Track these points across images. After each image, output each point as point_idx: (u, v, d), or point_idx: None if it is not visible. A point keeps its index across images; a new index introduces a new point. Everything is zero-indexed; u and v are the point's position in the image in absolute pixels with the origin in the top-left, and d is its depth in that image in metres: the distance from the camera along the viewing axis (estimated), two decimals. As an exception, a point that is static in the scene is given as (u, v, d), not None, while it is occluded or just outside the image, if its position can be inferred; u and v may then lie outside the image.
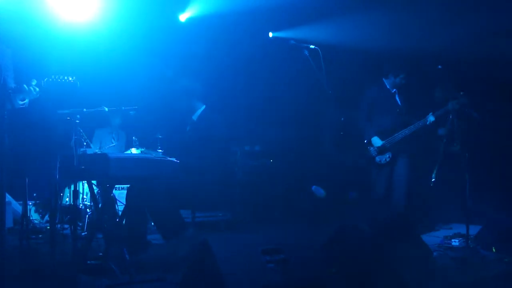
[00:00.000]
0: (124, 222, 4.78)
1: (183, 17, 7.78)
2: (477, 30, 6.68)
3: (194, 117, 5.14)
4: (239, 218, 6.82)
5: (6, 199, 4.47)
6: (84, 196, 6.56)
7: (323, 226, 5.82)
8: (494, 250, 4.91)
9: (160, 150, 6.61)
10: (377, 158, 5.95)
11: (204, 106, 5.17)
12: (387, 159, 5.92)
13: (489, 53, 6.68)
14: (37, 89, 3.60)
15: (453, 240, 5.37)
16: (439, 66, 5.41)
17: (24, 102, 3.55)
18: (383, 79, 6.14)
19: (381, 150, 5.92)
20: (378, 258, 3.39)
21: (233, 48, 7.83)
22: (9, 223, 5.95)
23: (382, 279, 3.31)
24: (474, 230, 5.20)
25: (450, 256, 4.75)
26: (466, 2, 6.51)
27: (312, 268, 3.35)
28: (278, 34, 7.84)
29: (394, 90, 6.11)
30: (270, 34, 8.04)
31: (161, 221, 4.78)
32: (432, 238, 5.70)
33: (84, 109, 4.97)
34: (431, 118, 5.81)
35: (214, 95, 6.24)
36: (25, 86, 3.53)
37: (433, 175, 6.20)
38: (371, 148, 5.98)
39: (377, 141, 5.96)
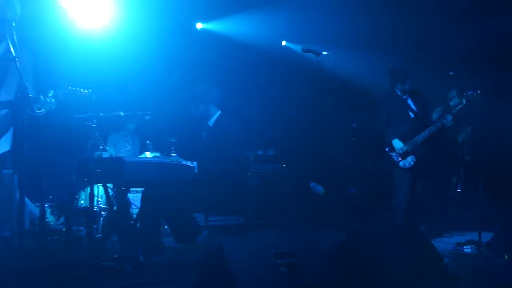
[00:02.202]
0: (138, 225, 4.85)
1: (199, 25, 7.88)
2: (490, 33, 6.71)
3: (210, 123, 5.20)
4: (252, 222, 6.86)
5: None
6: (99, 199, 6.65)
7: (334, 230, 5.84)
8: (506, 257, 4.89)
9: (174, 154, 6.67)
10: (401, 163, 5.94)
11: (219, 112, 5.24)
12: (411, 163, 5.92)
13: (501, 56, 6.70)
14: (53, 100, 3.68)
15: (465, 246, 5.33)
16: (451, 73, 5.43)
17: (40, 111, 3.64)
18: (394, 88, 6.19)
19: (403, 155, 5.93)
20: (388, 264, 3.41)
21: (247, 55, 7.91)
22: (25, 224, 6.04)
23: (391, 285, 3.34)
24: (486, 237, 5.19)
25: (461, 263, 4.74)
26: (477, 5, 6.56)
27: (323, 272, 3.39)
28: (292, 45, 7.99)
29: (406, 96, 6.16)
30: (284, 43, 8.12)
31: (175, 225, 4.84)
32: (444, 245, 5.68)
33: (101, 114, 5.06)
34: (449, 118, 5.85)
35: (229, 101, 6.31)
36: (41, 97, 3.62)
37: (457, 184, 6.21)
38: (393, 154, 5.98)
39: (397, 143, 5.95)
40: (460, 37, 6.91)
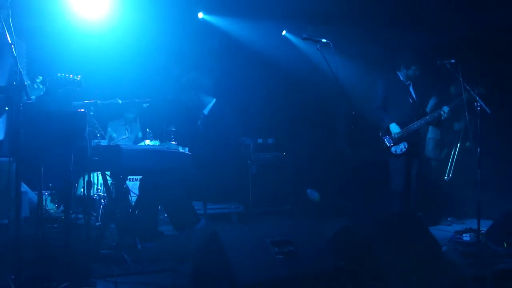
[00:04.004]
0: (136, 212, 4.86)
1: (201, 14, 7.82)
2: (492, 23, 6.65)
3: (205, 111, 5.18)
4: (251, 210, 6.87)
5: (23, 189, 4.56)
6: (98, 187, 6.65)
7: (333, 219, 5.84)
8: (505, 245, 4.89)
9: (174, 142, 6.67)
10: (393, 149, 5.93)
11: (214, 100, 5.21)
12: (403, 149, 5.90)
13: (503, 46, 6.65)
14: (41, 86, 3.64)
15: (464, 235, 5.34)
16: (453, 60, 5.39)
17: (31, 98, 3.61)
18: (397, 72, 6.13)
19: (397, 140, 5.91)
20: (385, 252, 3.41)
21: (246, 43, 7.86)
22: (25, 212, 6.05)
23: (389, 273, 3.34)
24: (485, 225, 5.19)
25: (460, 251, 4.73)
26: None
27: (320, 261, 3.38)
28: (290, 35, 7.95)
29: (408, 82, 6.11)
30: (284, 32, 8.08)
31: (174, 213, 4.84)
32: (443, 233, 5.69)
33: (98, 101, 5.04)
34: (445, 109, 5.83)
35: (227, 89, 6.28)
36: (28, 82, 3.57)
37: (449, 171, 6.21)
38: (386, 138, 5.95)
39: (395, 127, 5.93)
40: (463, 26, 6.87)
